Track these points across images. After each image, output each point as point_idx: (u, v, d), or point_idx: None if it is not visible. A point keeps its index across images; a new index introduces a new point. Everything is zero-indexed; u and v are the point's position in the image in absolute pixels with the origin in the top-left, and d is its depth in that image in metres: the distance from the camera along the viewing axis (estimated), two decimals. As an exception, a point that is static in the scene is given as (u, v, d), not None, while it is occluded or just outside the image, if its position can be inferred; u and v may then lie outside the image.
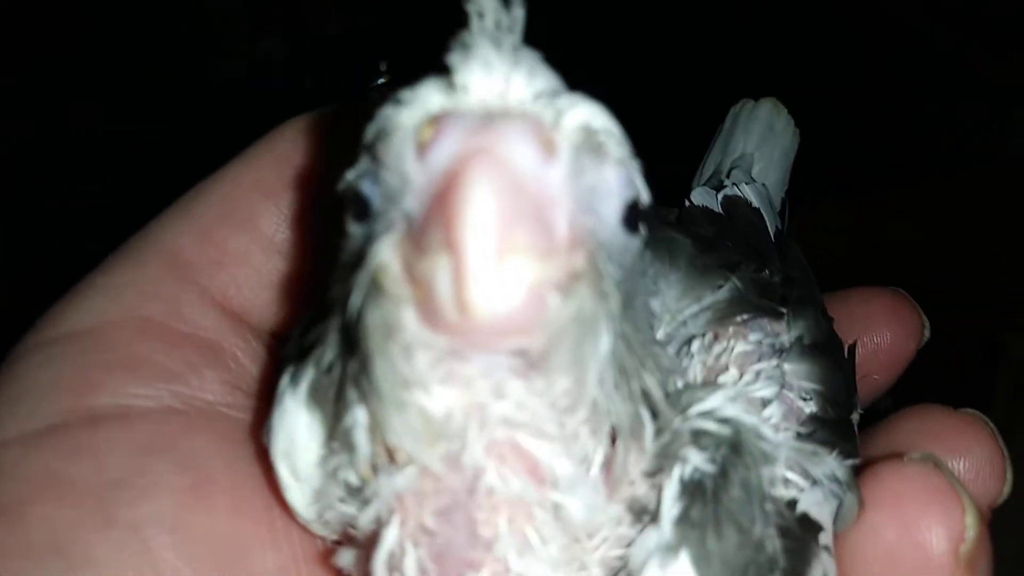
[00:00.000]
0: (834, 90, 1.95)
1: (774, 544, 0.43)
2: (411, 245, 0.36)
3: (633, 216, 0.40)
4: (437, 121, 0.36)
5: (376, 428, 0.40)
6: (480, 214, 0.33)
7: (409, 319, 0.36)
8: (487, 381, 0.38)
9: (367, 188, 0.39)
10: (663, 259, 0.53)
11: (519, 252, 0.34)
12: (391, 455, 0.41)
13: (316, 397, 0.45)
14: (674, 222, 0.62)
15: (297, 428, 0.46)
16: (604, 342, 0.38)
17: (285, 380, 0.47)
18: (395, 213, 0.37)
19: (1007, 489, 0.57)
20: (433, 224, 0.34)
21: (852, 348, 0.61)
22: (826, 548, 0.47)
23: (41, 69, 1.80)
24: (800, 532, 0.45)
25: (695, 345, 0.51)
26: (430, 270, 0.35)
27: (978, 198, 1.78)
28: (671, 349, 0.50)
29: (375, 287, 0.37)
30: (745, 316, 0.52)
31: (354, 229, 0.40)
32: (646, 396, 0.42)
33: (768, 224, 0.67)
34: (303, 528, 0.50)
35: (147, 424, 0.50)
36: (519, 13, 0.38)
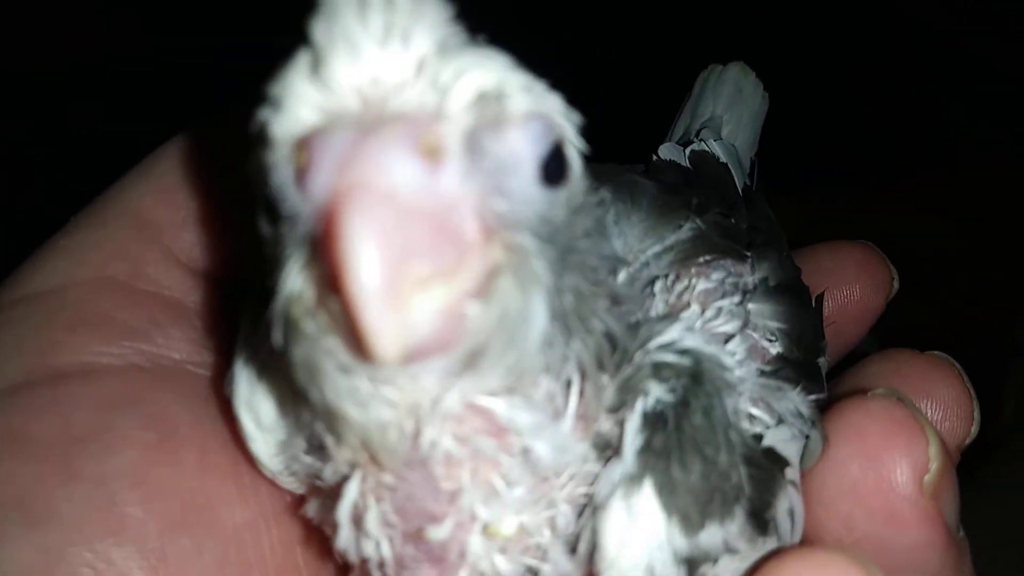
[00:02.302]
0: (849, 81, 1.96)
1: (739, 472, 0.43)
2: (319, 271, 0.35)
3: (555, 165, 0.38)
4: (309, 143, 0.34)
5: (332, 430, 0.39)
6: (364, 258, 0.31)
7: (335, 347, 0.35)
8: (429, 378, 0.37)
9: (263, 195, 0.38)
10: (625, 201, 0.53)
11: (419, 283, 0.33)
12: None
13: (271, 362, 0.44)
14: (639, 171, 0.62)
15: (257, 380, 0.46)
16: (539, 320, 0.37)
17: (244, 332, 0.47)
18: (295, 234, 0.36)
19: (975, 429, 0.57)
20: (326, 264, 0.33)
21: (820, 297, 0.61)
22: (792, 483, 0.47)
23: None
24: (766, 463, 0.45)
25: (658, 285, 0.51)
26: (336, 309, 0.34)
27: (992, 191, 1.77)
28: (624, 274, 0.49)
29: (290, 321, 0.36)
30: (708, 257, 0.52)
31: (264, 227, 0.39)
32: (607, 334, 0.42)
33: (736, 179, 0.67)
34: (270, 483, 0.49)
35: (112, 381, 0.49)
36: None
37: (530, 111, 0.37)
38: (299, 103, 0.35)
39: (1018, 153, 1.79)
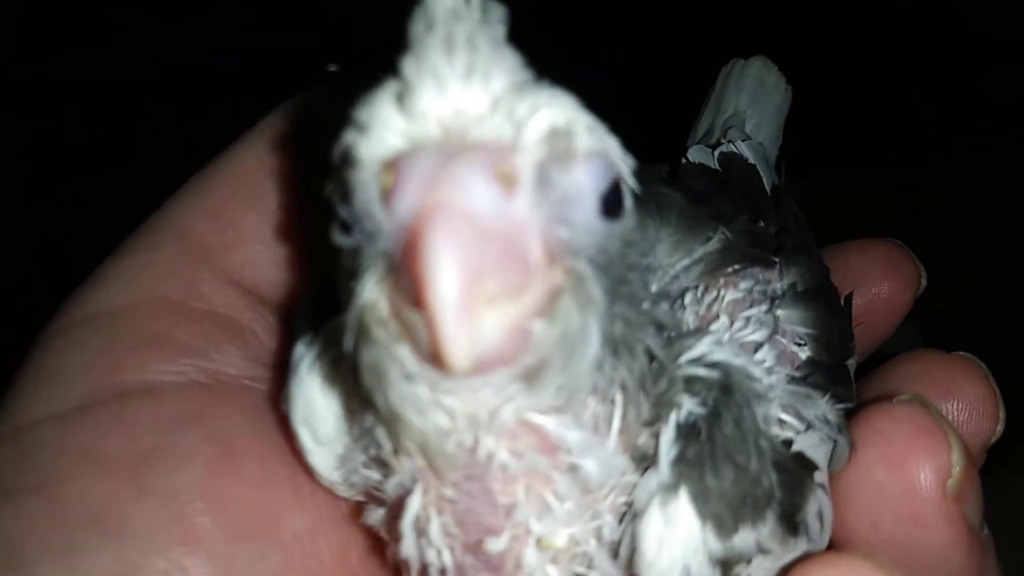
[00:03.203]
0: (869, 68, 1.94)
1: (770, 478, 0.45)
2: (395, 284, 0.37)
3: (614, 200, 0.41)
4: (396, 166, 0.36)
5: (394, 437, 0.42)
6: (445, 274, 0.34)
7: (404, 355, 0.38)
8: (489, 390, 0.40)
9: (343, 212, 0.40)
10: (653, 216, 0.55)
11: (490, 300, 0.35)
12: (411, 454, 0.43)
13: (332, 370, 0.48)
14: (665, 178, 0.64)
15: (314, 395, 0.48)
16: (594, 341, 0.39)
17: (300, 348, 0.49)
18: (374, 249, 0.38)
19: (1000, 428, 0.59)
20: (406, 277, 0.36)
21: (848, 297, 0.63)
22: (821, 486, 0.49)
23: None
24: (795, 467, 0.47)
25: (688, 297, 0.53)
26: (412, 321, 0.36)
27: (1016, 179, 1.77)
28: (666, 304, 0.52)
29: (364, 328, 0.38)
30: (736, 266, 0.54)
31: (341, 240, 0.41)
32: (649, 354, 0.44)
33: (764, 179, 0.69)
34: (327, 492, 0.52)
35: (174, 398, 0.52)
36: None
37: (594, 149, 0.39)
38: (386, 129, 0.37)
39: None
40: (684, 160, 0.68)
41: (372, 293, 0.38)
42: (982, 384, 0.59)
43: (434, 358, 0.36)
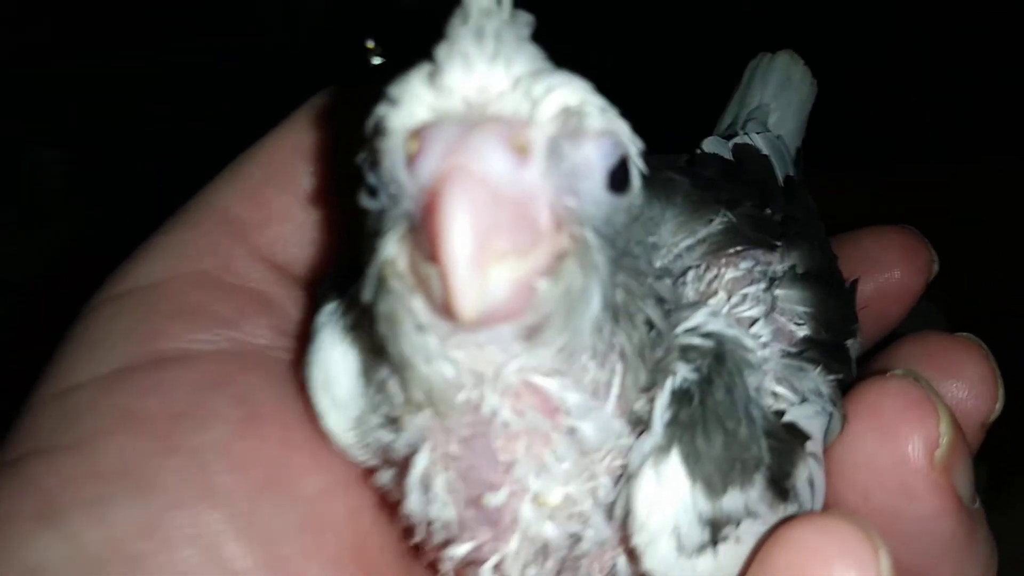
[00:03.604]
0: (870, 66, 1.94)
1: (759, 444, 0.47)
2: (414, 242, 0.40)
3: (621, 177, 0.44)
4: (421, 134, 0.40)
5: (404, 385, 0.45)
6: (458, 230, 0.37)
7: (417, 306, 0.41)
8: (494, 346, 0.43)
9: (371, 178, 0.44)
10: (660, 198, 0.57)
11: (499, 257, 0.38)
12: (420, 405, 0.46)
13: (351, 333, 0.51)
14: (680, 166, 0.66)
15: (332, 361, 0.51)
16: (595, 303, 0.42)
17: (321, 317, 0.53)
18: (397, 210, 0.42)
19: (999, 407, 0.60)
20: (424, 235, 0.39)
21: (854, 283, 0.65)
22: (813, 455, 0.51)
23: (125, 44, 1.93)
24: (786, 436, 0.49)
25: (690, 275, 0.55)
26: (428, 274, 0.39)
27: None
28: (668, 281, 0.54)
29: (382, 280, 0.41)
30: (738, 247, 0.56)
31: (368, 203, 0.45)
32: (648, 324, 0.47)
33: (777, 170, 0.70)
34: (342, 455, 0.55)
35: (206, 364, 0.56)
36: None
37: (604, 128, 0.42)
38: (415, 102, 0.41)
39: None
40: (699, 151, 0.70)
41: (393, 249, 0.41)
42: (982, 363, 0.60)
43: (445, 308, 0.39)
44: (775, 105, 0.82)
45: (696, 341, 0.48)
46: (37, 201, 1.81)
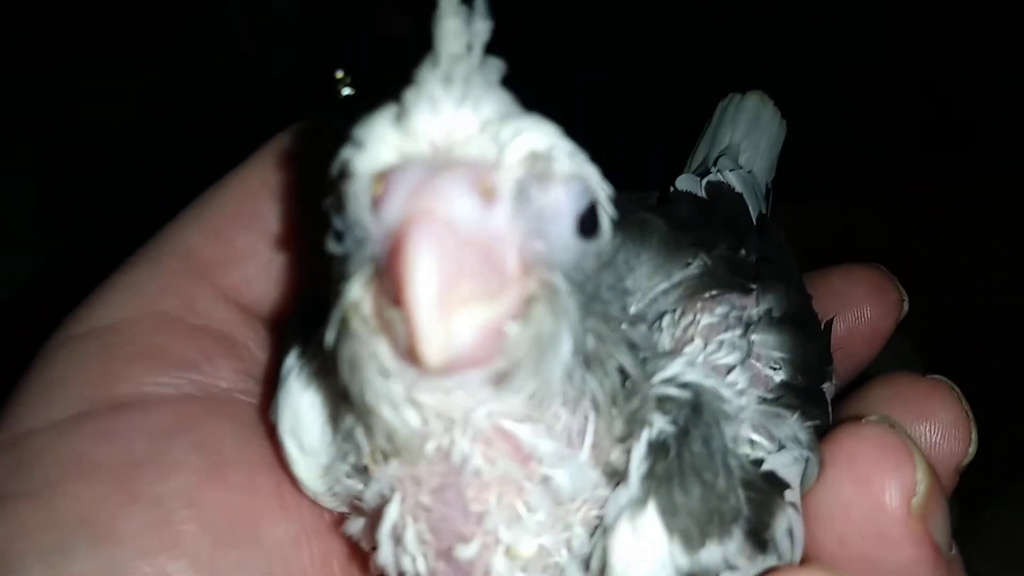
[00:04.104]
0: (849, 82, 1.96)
1: (737, 495, 0.47)
2: (379, 286, 0.40)
3: (590, 222, 0.43)
4: (386, 177, 0.39)
5: (368, 432, 0.44)
6: (423, 274, 0.36)
7: (381, 351, 0.40)
8: (462, 391, 0.42)
9: (337, 221, 0.43)
10: (635, 240, 0.56)
11: (465, 301, 0.37)
12: (386, 454, 0.45)
13: (318, 379, 0.49)
14: (653, 205, 0.65)
15: (301, 407, 0.50)
16: (565, 348, 0.41)
17: (289, 361, 0.51)
18: (363, 254, 0.41)
19: (972, 450, 0.60)
20: (389, 277, 0.38)
21: (828, 323, 0.64)
22: (792, 504, 0.50)
23: (99, 72, 1.92)
24: (764, 486, 0.48)
25: (665, 320, 0.54)
26: (392, 318, 0.39)
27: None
28: (643, 327, 0.53)
29: (346, 323, 0.41)
30: (714, 292, 0.55)
31: (333, 247, 0.44)
32: (622, 372, 0.46)
33: (751, 208, 0.70)
34: (311, 502, 0.54)
35: (166, 410, 0.54)
36: (480, 36, 0.41)
37: (572, 173, 0.42)
38: (381, 144, 0.40)
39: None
40: (672, 188, 0.70)
41: (358, 292, 0.40)
42: (954, 406, 0.60)
43: (410, 354, 0.38)
44: (745, 145, 0.82)
45: (673, 392, 0.48)
46: (2, 228, 1.78)
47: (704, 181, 0.70)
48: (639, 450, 0.46)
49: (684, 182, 0.70)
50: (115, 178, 1.79)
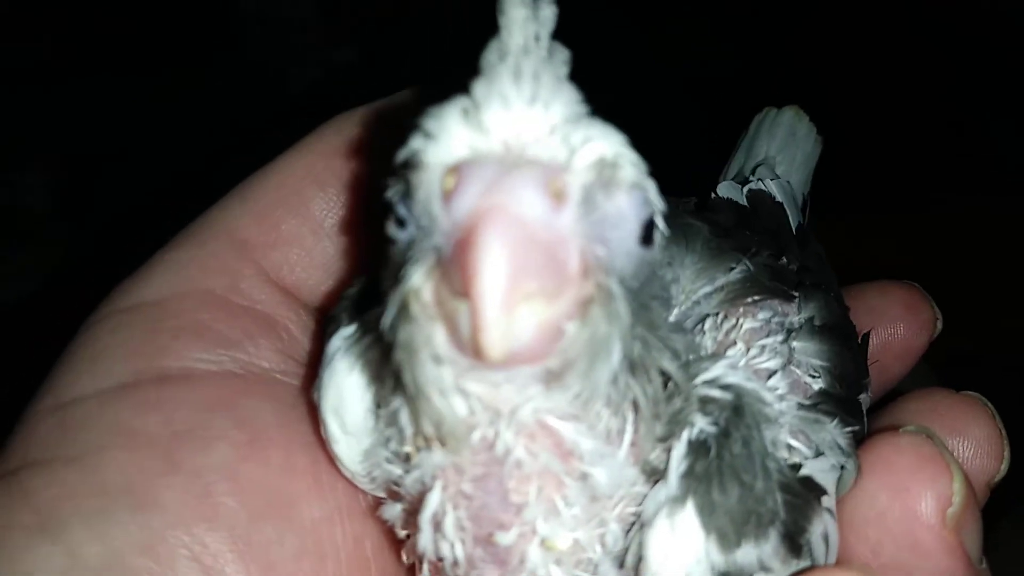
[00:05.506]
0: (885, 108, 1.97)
1: (775, 498, 0.47)
2: (441, 275, 0.40)
3: (649, 231, 0.44)
4: (458, 171, 0.40)
5: (415, 416, 0.45)
6: (492, 268, 0.37)
7: (437, 337, 0.41)
8: (511, 385, 0.43)
9: (402, 209, 0.44)
10: (680, 244, 0.57)
11: (528, 298, 0.38)
12: (430, 440, 0.46)
13: (364, 361, 0.50)
14: (693, 210, 0.66)
15: (345, 386, 0.51)
16: (615, 354, 0.42)
17: (335, 342, 0.52)
18: (428, 243, 0.41)
19: (1004, 467, 0.60)
20: (455, 269, 0.39)
21: (866, 336, 0.65)
22: (828, 510, 0.50)
23: (118, 71, 1.94)
24: (802, 490, 0.49)
25: (708, 323, 0.55)
26: (455, 309, 0.39)
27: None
28: (683, 333, 0.53)
29: (405, 307, 0.41)
30: (756, 297, 0.56)
31: (395, 233, 0.45)
32: (664, 376, 0.47)
33: (790, 218, 0.71)
34: (345, 483, 0.54)
35: (209, 385, 0.55)
36: (547, 26, 0.41)
37: (636, 182, 0.43)
38: (453, 138, 0.41)
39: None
40: (713, 195, 0.70)
41: (419, 278, 0.41)
42: (988, 423, 0.60)
43: (471, 345, 0.38)
44: (780, 158, 0.82)
45: (715, 393, 0.48)
46: (20, 222, 1.80)
47: (746, 189, 0.71)
48: (679, 449, 0.47)
49: (725, 189, 0.71)
50: (133, 173, 1.80)
